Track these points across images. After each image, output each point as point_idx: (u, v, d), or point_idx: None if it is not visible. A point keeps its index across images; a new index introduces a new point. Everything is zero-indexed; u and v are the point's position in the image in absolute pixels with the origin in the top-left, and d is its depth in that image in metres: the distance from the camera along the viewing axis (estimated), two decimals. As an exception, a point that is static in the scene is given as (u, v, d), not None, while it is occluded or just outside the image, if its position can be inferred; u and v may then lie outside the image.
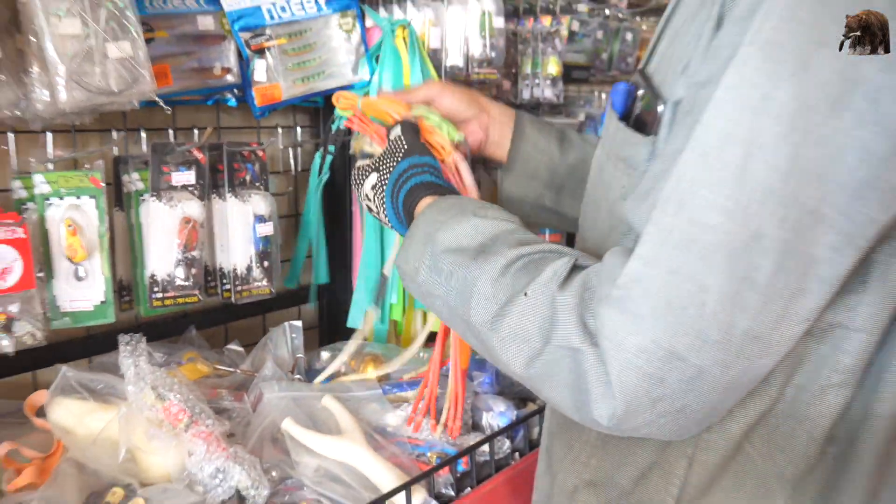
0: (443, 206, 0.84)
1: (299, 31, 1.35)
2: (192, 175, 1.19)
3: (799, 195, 0.59)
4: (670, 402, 0.63)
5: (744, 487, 0.76)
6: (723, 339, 0.61)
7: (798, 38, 0.58)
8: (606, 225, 0.82)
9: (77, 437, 1.01)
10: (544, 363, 0.69)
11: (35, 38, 0.96)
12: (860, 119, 0.58)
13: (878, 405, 0.73)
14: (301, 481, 1.05)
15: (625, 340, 0.62)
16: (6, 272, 1.02)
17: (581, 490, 0.85)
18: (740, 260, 0.60)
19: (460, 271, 0.77)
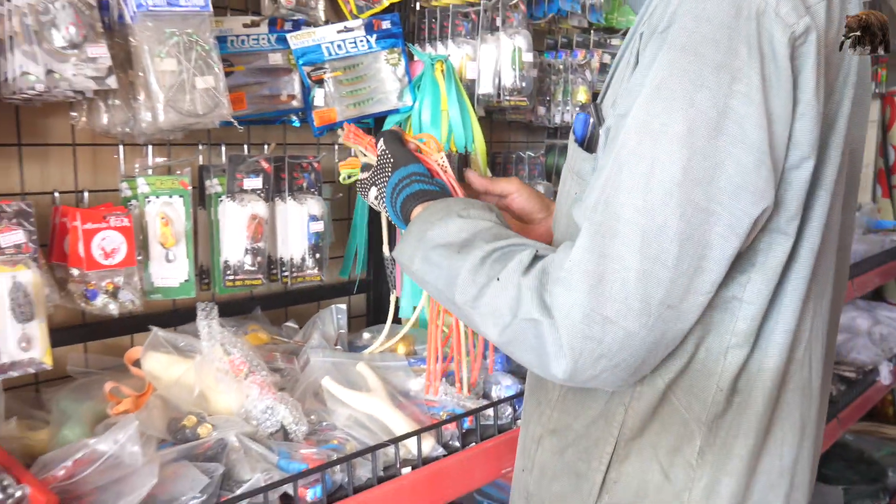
0: (432, 209, 1.02)
1: (353, 65, 1.63)
2: (259, 181, 1.48)
3: (692, 196, 0.79)
4: (608, 358, 0.82)
5: (670, 428, 0.95)
6: (643, 307, 0.80)
7: (684, 83, 0.79)
8: (564, 225, 1.03)
9: (163, 381, 1.30)
10: (513, 332, 0.87)
11: (142, 73, 1.26)
12: (732, 139, 0.79)
13: (767, 360, 0.92)
14: (334, 425, 1.30)
15: (571, 311, 0.81)
16: (115, 252, 1.32)
17: (545, 437, 1.06)
18: (651, 245, 0.80)
19: (446, 262, 0.95)
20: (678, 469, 0.94)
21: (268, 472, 1.12)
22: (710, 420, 0.93)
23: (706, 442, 0.93)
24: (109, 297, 1.32)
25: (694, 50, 0.79)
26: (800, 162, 0.84)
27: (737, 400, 0.93)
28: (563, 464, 1.03)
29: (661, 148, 0.80)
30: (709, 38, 0.79)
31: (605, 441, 0.98)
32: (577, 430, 1.02)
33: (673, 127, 0.79)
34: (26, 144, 1.35)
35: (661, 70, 0.81)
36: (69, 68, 1.15)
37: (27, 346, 1.18)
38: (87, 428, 1.18)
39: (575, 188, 1.00)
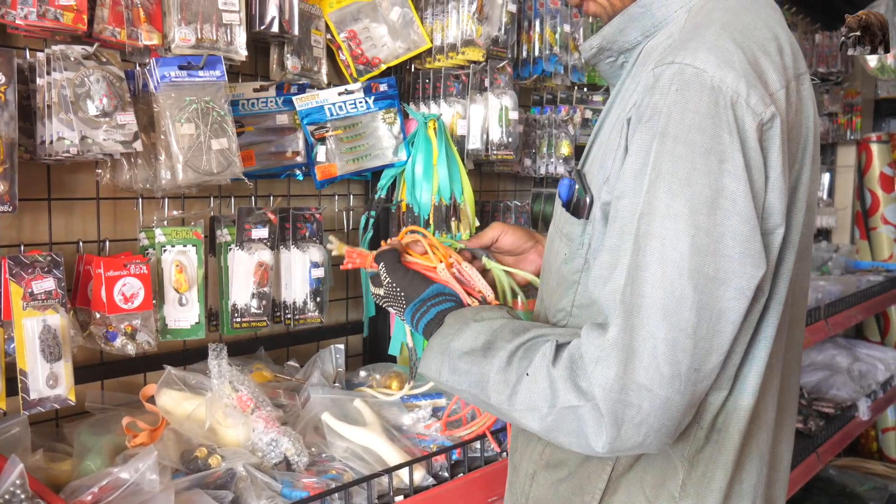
0: (448, 322, 1.12)
1: (352, 124, 1.77)
2: (266, 231, 1.61)
3: (701, 268, 0.90)
4: (649, 424, 0.91)
5: (654, 464, 1.05)
6: (674, 372, 0.90)
7: (680, 167, 0.91)
8: (554, 282, 1.14)
9: (175, 416, 1.41)
10: (553, 421, 0.96)
11: (163, 136, 1.40)
12: (728, 213, 0.90)
13: (742, 399, 1.03)
14: (333, 456, 1.42)
15: (612, 385, 0.90)
16: (134, 296, 1.45)
17: (539, 472, 1.15)
18: (673, 316, 0.90)
19: (475, 368, 1.04)
20: (662, 501, 1.04)
21: (272, 499, 1.24)
22: (690, 455, 1.03)
23: (688, 476, 1.03)
24: (128, 339, 1.44)
25: (684, 139, 0.91)
26: (773, 229, 0.96)
27: (714, 437, 1.03)
28: (558, 497, 1.12)
29: (667, 227, 0.90)
30: (695, 126, 0.91)
31: (598, 477, 1.08)
32: (570, 466, 1.11)
33: (676, 208, 0.90)
34: (55, 199, 1.48)
35: (658, 158, 0.92)
36: (100, 134, 1.29)
37: (54, 383, 1.30)
38: (106, 459, 1.29)
39: (564, 249, 1.11)
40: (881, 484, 3.76)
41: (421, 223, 1.81)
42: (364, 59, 1.81)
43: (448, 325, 1.12)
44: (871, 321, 4.59)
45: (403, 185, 1.84)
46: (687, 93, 0.92)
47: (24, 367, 1.28)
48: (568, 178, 1.13)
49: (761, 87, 0.93)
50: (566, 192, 1.11)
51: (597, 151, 1.09)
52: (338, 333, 1.94)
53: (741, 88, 0.91)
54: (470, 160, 1.94)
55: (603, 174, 1.03)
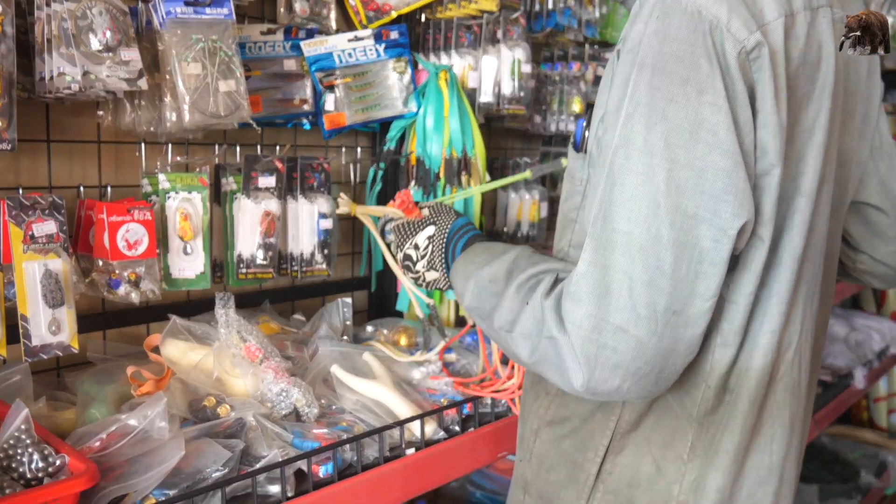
0: (477, 250, 1.15)
1: (362, 72, 1.72)
2: (273, 180, 1.56)
3: (679, 205, 0.85)
4: (625, 367, 0.87)
5: (663, 423, 1.02)
6: (650, 314, 0.85)
7: (656, 99, 0.87)
8: (559, 222, 1.12)
9: (181, 366, 1.37)
10: (539, 353, 0.94)
11: (168, 76, 1.35)
12: (708, 147, 0.86)
13: (753, 361, 0.99)
14: (343, 409, 1.38)
15: (582, 322, 0.87)
16: (137, 243, 1.40)
17: (543, 428, 1.14)
18: (649, 254, 0.86)
19: (489, 296, 1.05)
20: (669, 463, 1.01)
21: (283, 449, 1.20)
22: (700, 416, 1.00)
23: (697, 438, 1.00)
24: (132, 287, 1.39)
25: (661, 68, 0.87)
26: (769, 169, 0.91)
27: (727, 398, 1.00)
28: (561, 454, 1.10)
29: (643, 162, 0.86)
30: (673, 55, 0.86)
31: (602, 433, 1.05)
32: (574, 422, 1.09)
33: (651, 141, 0.86)
34: (55, 141, 1.43)
35: (635, 89, 0.88)
36: (104, 70, 1.23)
37: (57, 329, 1.26)
38: (111, 408, 1.25)
39: (567, 186, 1.09)
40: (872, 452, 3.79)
41: (431, 177, 1.77)
42: (374, 6, 1.74)
43: (476, 253, 1.13)
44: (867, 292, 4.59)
45: (413, 137, 1.79)
46: (667, 20, 0.87)
47: (26, 313, 1.23)
48: (581, 119, 1.11)
49: (746, 13, 0.87)
50: (578, 132, 1.08)
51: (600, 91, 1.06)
52: (343, 288, 1.90)
53: (721, 13, 0.86)
54: (481, 114, 1.89)
55: (598, 110, 0.99)
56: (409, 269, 1.30)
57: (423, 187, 1.77)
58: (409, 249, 1.29)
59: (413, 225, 1.29)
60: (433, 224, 1.28)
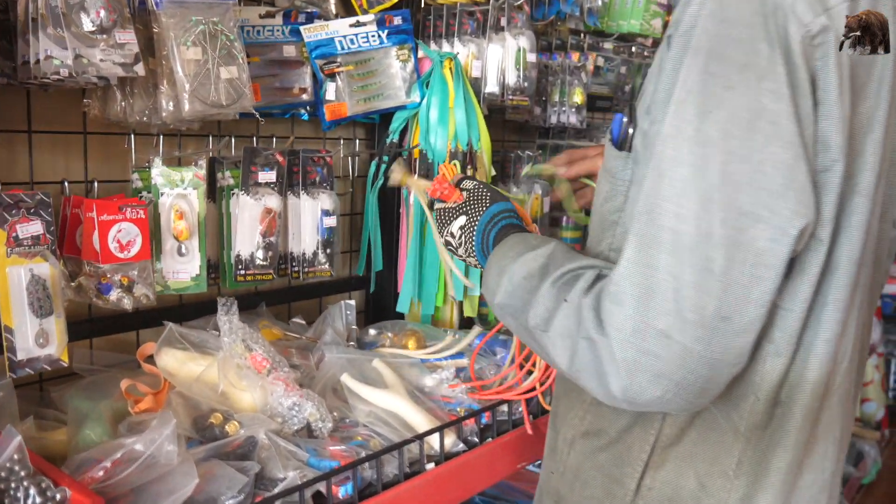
0: (511, 243, 1.06)
1: (364, 60, 1.61)
2: (273, 174, 1.45)
3: (733, 201, 0.78)
4: (668, 376, 0.79)
5: (708, 438, 0.94)
6: (698, 319, 0.77)
7: (711, 86, 0.79)
8: (596, 222, 1.03)
9: (179, 378, 1.26)
10: (577, 354, 0.86)
11: (165, 61, 1.23)
12: (767, 138, 0.78)
13: (809, 373, 0.91)
14: (356, 421, 1.29)
15: (623, 325, 0.80)
16: (130, 244, 1.28)
17: (577, 440, 1.06)
18: (698, 254, 0.78)
19: (522, 292, 0.96)
20: (715, 479, 0.94)
21: (300, 469, 1.11)
22: (748, 431, 0.93)
23: (744, 453, 0.93)
24: (124, 292, 1.28)
25: (718, 52, 0.79)
26: (830, 164, 0.83)
27: (778, 412, 0.93)
28: (597, 468, 1.03)
29: (695, 153, 0.79)
30: (731, 38, 0.79)
31: (641, 448, 0.98)
32: (610, 434, 1.01)
33: (705, 131, 0.79)
34: (37, 131, 1.30)
35: (689, 75, 0.81)
36: (97, 53, 1.11)
37: (45, 341, 1.14)
38: (108, 427, 1.14)
39: (606, 186, 1.01)
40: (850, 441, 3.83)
41: (435, 170, 1.67)
42: (376, -11, 1.64)
43: (509, 246, 1.04)
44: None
45: (416, 128, 1.70)
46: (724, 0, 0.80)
47: (10, 324, 1.11)
48: (620, 114, 1.03)
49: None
50: (616, 127, 1.00)
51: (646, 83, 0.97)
52: (341, 289, 1.80)
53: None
54: (485, 105, 1.80)
55: (644, 101, 0.91)
56: (454, 253, 1.22)
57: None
58: (448, 237, 1.20)
59: (448, 212, 1.21)
60: (465, 214, 1.19)
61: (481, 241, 1.16)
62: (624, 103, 2.37)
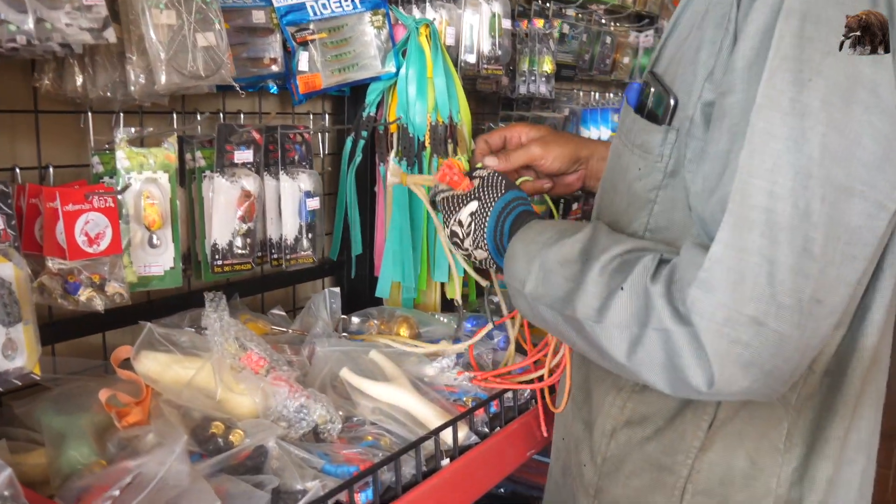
0: (536, 228, 0.98)
1: (338, 27, 1.49)
2: (250, 154, 1.32)
3: (831, 176, 0.72)
4: (759, 365, 0.74)
5: (758, 415, 0.91)
6: (794, 304, 0.72)
7: (809, 51, 0.73)
8: (624, 202, 0.96)
9: (164, 383, 1.13)
10: (643, 348, 0.79)
11: (134, 28, 1.08)
12: (866, 107, 0.73)
13: (863, 340, 0.88)
14: (363, 420, 1.19)
15: (714, 313, 0.73)
16: (99, 237, 1.13)
17: (620, 429, 1.00)
18: (796, 234, 0.72)
19: (561, 280, 0.89)
20: (765, 455, 0.91)
21: (321, 479, 1.00)
22: (798, 403, 0.90)
23: (794, 425, 0.91)
24: (95, 291, 1.13)
25: (816, 15, 0.74)
26: None
27: (828, 381, 0.90)
28: (644, 458, 0.98)
29: (791, 125, 0.73)
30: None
31: (694, 434, 0.94)
32: (657, 422, 0.97)
33: (803, 101, 0.73)
34: (-21, 111, 1.13)
35: (782, 40, 0.74)
36: (62, 17, 0.95)
37: (12, 353, 0.99)
38: (93, 445, 1.00)
39: (639, 163, 0.93)
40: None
41: (416, 145, 1.57)
42: (345, -51, 1.51)
43: (538, 231, 0.97)
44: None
45: (393, 101, 1.59)
46: None
47: (-29, 334, 0.95)
48: (638, 83, 0.96)
49: None
50: (636, 97, 0.94)
51: (674, 47, 0.91)
52: (314, 275, 1.68)
53: None
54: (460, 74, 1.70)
55: (702, 69, 0.84)
56: (459, 247, 1.13)
57: (406, 157, 1.58)
58: (455, 226, 1.12)
59: (457, 199, 1.12)
60: (477, 199, 1.10)
61: (495, 228, 1.08)
62: (584, 72, 2.31)
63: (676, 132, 0.88)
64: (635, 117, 0.94)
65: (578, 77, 2.27)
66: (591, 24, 2.26)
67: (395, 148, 1.58)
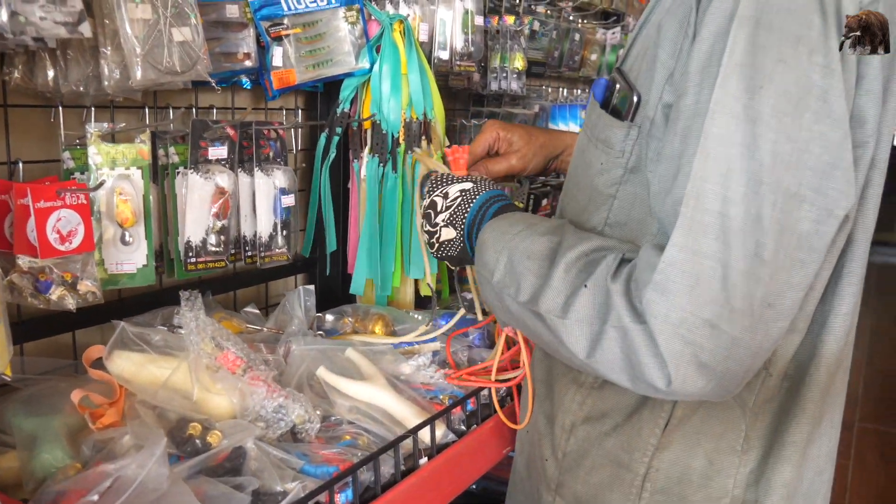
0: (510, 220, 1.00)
1: (312, 22, 1.47)
2: (224, 150, 1.30)
3: (782, 182, 0.74)
4: (713, 367, 0.75)
5: (714, 414, 0.92)
6: (746, 307, 0.74)
7: (761, 58, 0.75)
8: (585, 197, 0.98)
9: (138, 384, 1.11)
10: (603, 347, 0.80)
11: (109, 21, 1.06)
12: (816, 115, 0.75)
13: (823, 346, 0.90)
14: (340, 419, 1.19)
15: (668, 315, 0.75)
16: (72, 235, 1.11)
17: (578, 425, 1.01)
18: (748, 239, 0.74)
19: (528, 273, 0.90)
20: (723, 455, 0.93)
21: (300, 481, 1.00)
22: (756, 406, 0.92)
23: (751, 427, 0.92)
24: (67, 289, 1.11)
25: (768, 23, 0.75)
26: (864, 141, 0.82)
27: (786, 385, 0.92)
28: (603, 453, 0.99)
29: (743, 131, 0.74)
30: (782, 8, 0.75)
31: (651, 431, 0.95)
32: (615, 418, 0.98)
33: (757, 108, 0.74)
34: (-55, 104, 1.09)
35: (734, 46, 0.75)
36: (36, 10, 0.93)
37: (-17, 353, 0.97)
38: (67, 448, 0.99)
39: (601, 157, 0.95)
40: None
41: (389, 141, 1.57)
42: (320, -57, 1.50)
43: (511, 223, 0.98)
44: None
45: (367, 97, 1.58)
46: None
47: (-60, 335, 0.93)
48: (605, 79, 0.97)
49: None
50: (602, 92, 0.95)
51: (641, 45, 0.92)
52: (285, 272, 1.67)
53: None
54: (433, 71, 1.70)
55: (662, 70, 0.85)
56: (428, 221, 1.14)
57: (379, 154, 1.57)
58: (438, 197, 1.13)
59: (453, 176, 1.15)
60: (473, 182, 1.12)
61: (477, 210, 1.09)
62: (553, 68, 2.33)
63: (638, 129, 0.90)
64: (601, 112, 0.95)
65: (548, 74, 2.29)
66: (560, 21, 2.27)
67: (369, 144, 1.58)
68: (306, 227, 1.65)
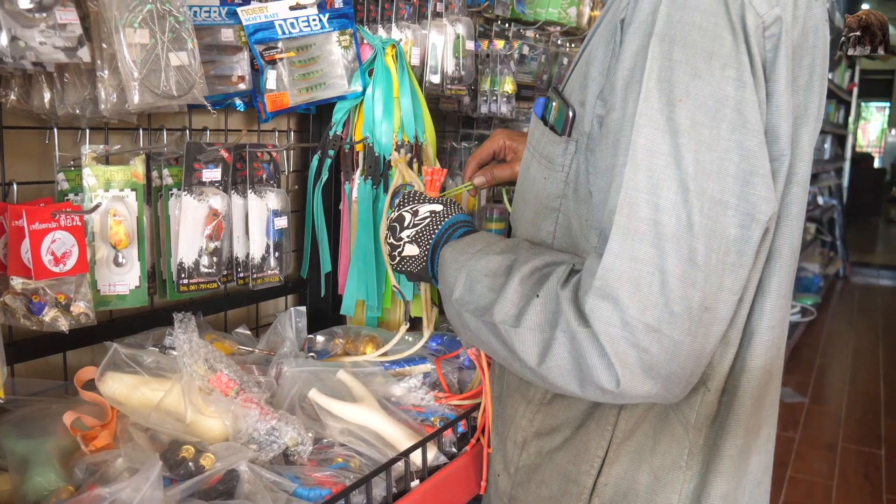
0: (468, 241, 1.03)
1: (305, 46, 1.49)
2: (218, 172, 1.31)
3: (706, 189, 0.78)
4: (658, 370, 0.78)
5: (659, 430, 0.95)
6: (684, 311, 0.77)
7: (678, 73, 0.79)
8: (532, 211, 1.01)
9: (130, 406, 1.11)
10: (553, 353, 0.83)
11: (107, 45, 1.07)
12: (733, 125, 0.78)
13: (752, 360, 0.93)
14: (332, 441, 1.19)
15: (610, 319, 0.78)
16: (66, 256, 1.11)
17: (530, 441, 1.03)
18: (682, 245, 0.77)
19: (485, 290, 0.93)
20: (668, 471, 0.94)
21: (290, 503, 1.00)
22: (698, 421, 0.94)
23: (694, 443, 0.94)
24: (60, 311, 1.11)
25: (682, 40, 0.79)
26: (778, 155, 0.85)
27: (725, 400, 0.94)
28: (553, 467, 1.01)
29: (668, 142, 0.78)
30: (695, 25, 0.79)
31: (597, 444, 0.97)
32: (565, 432, 1.00)
33: (676, 121, 0.78)
34: (-59, 126, 1.10)
35: (653, 63, 0.80)
36: (36, 35, 0.94)
37: (-24, 375, 0.97)
38: (59, 470, 0.98)
39: (543, 172, 0.98)
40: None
41: (381, 164, 1.58)
42: (314, -31, 1.52)
43: (469, 243, 1.02)
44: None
45: (360, 120, 1.60)
46: None
47: (-67, 357, 0.93)
48: (542, 98, 1.01)
49: None
50: (541, 110, 0.99)
51: (582, 64, 0.95)
52: (277, 293, 1.67)
53: None
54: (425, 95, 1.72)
55: (593, 86, 0.89)
56: (393, 234, 1.16)
57: (372, 176, 1.59)
58: (407, 212, 1.15)
59: (425, 196, 1.18)
60: (443, 205, 1.16)
61: (443, 233, 1.12)
62: (542, 92, 2.35)
63: (576, 143, 0.93)
64: (544, 129, 0.98)
65: (537, 97, 2.31)
66: (549, 46, 2.30)
67: (361, 167, 1.59)
68: (303, 249, 1.65)
